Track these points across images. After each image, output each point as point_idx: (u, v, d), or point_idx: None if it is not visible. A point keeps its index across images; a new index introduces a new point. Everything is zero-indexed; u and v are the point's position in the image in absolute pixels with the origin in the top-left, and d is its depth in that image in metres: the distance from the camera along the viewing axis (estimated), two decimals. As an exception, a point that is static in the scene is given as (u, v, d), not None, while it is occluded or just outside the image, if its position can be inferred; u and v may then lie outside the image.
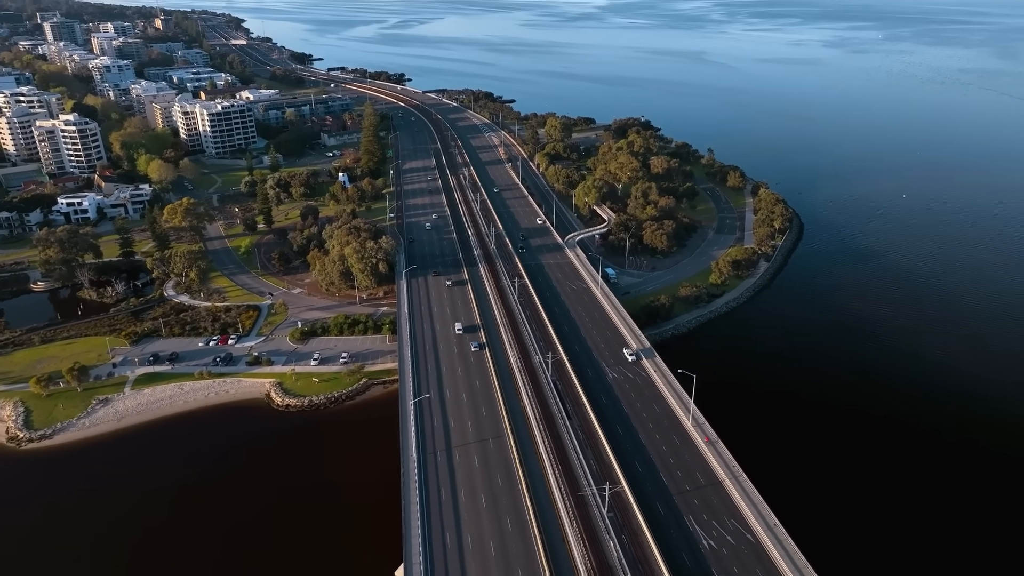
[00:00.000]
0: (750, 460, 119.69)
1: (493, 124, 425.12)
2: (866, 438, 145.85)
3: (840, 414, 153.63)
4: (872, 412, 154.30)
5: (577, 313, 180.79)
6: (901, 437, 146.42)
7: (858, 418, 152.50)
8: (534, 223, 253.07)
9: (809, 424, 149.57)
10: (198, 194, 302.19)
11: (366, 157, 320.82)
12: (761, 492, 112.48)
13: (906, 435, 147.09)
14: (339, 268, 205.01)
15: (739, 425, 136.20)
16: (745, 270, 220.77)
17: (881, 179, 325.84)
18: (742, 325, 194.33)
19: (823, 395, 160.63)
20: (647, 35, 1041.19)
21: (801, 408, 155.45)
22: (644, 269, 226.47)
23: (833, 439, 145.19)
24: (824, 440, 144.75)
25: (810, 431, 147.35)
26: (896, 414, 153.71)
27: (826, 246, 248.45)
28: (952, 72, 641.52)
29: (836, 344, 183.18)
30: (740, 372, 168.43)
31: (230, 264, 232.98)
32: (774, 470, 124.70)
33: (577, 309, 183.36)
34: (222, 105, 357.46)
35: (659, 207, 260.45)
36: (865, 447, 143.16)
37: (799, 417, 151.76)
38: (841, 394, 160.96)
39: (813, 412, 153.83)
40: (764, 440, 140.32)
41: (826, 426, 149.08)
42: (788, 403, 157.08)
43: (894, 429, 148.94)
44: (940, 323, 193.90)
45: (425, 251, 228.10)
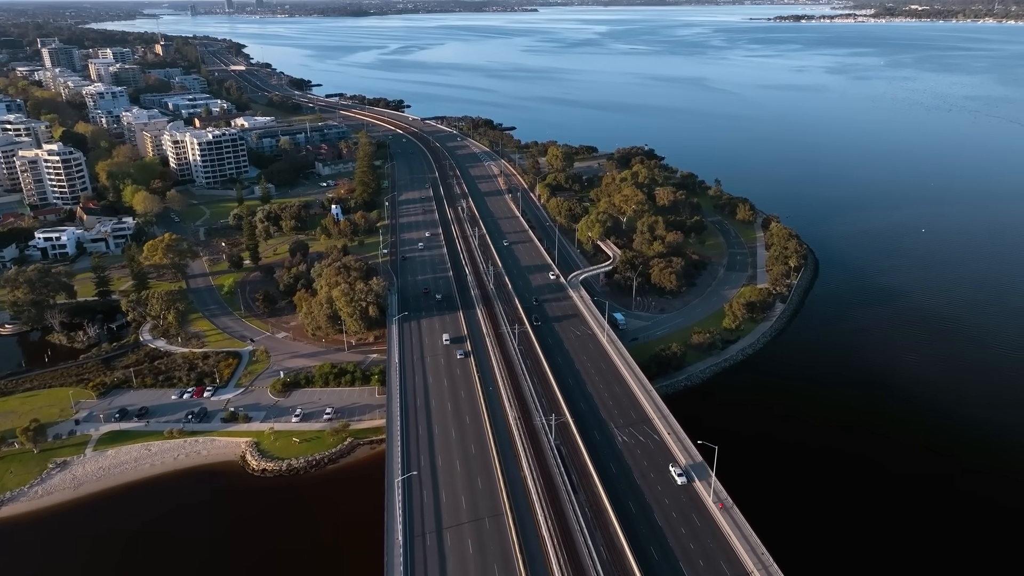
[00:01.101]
0: (778, 540, 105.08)
1: (493, 152, 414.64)
2: (911, 511, 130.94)
3: (870, 479, 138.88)
4: (914, 477, 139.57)
5: (582, 364, 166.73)
6: (944, 502, 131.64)
7: (897, 485, 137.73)
8: (535, 260, 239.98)
9: (837, 489, 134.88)
10: (184, 227, 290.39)
11: (360, 188, 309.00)
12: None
13: (947, 498, 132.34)
14: (326, 311, 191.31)
15: (760, 491, 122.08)
16: (760, 313, 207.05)
17: (896, 211, 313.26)
18: (760, 375, 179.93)
19: (848, 456, 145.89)
20: (648, 61, 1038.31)
21: (829, 472, 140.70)
22: (652, 311, 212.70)
23: (864, 507, 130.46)
24: (853, 508, 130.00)
25: (837, 497, 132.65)
26: (937, 476, 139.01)
27: (844, 285, 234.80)
28: (958, 99, 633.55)
29: (863, 398, 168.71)
30: (759, 428, 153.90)
31: (212, 304, 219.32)
32: (802, 545, 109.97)
33: (582, 359, 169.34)
34: (213, 134, 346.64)
35: (666, 243, 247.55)
36: (911, 522, 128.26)
37: (828, 481, 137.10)
38: (871, 458, 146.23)
39: (841, 475, 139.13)
40: (789, 511, 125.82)
41: (854, 491, 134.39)
42: (814, 465, 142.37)
43: (935, 493, 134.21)
44: (971, 373, 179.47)
45: (420, 291, 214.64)
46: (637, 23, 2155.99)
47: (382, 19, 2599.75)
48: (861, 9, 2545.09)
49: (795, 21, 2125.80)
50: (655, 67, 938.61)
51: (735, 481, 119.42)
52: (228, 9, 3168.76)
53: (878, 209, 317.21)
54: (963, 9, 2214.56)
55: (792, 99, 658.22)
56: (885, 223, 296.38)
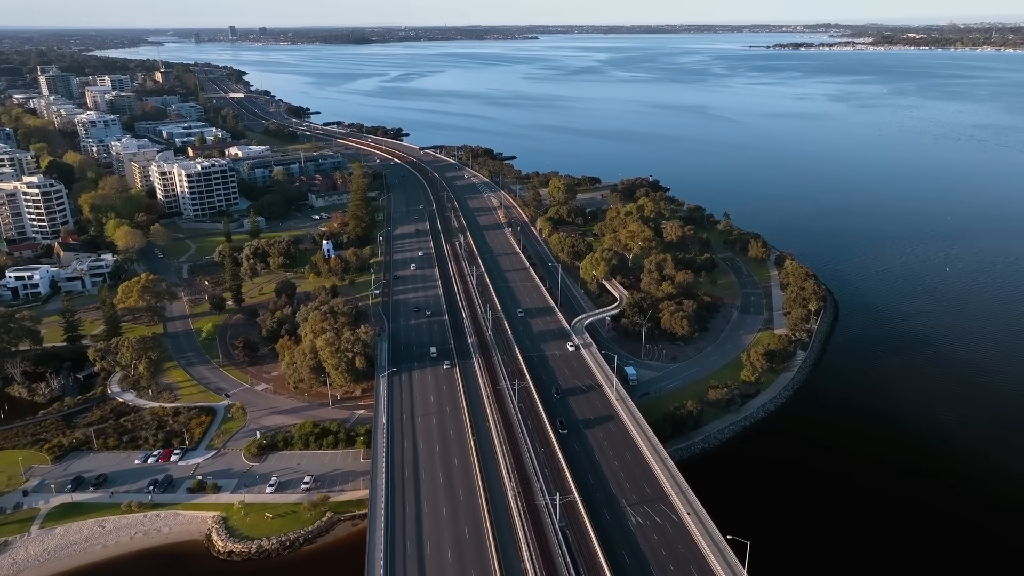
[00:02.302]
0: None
1: (492, 183, 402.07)
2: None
3: (928, 565, 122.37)
4: (972, 555, 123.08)
5: (590, 427, 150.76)
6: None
7: (954, 566, 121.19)
8: (536, 301, 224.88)
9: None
10: (167, 264, 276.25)
11: (353, 223, 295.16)
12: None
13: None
14: (309, 362, 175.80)
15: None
16: (780, 362, 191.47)
17: (915, 247, 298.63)
18: (783, 436, 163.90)
19: (900, 538, 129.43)
20: (649, 88, 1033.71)
21: (878, 563, 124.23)
22: (663, 359, 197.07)
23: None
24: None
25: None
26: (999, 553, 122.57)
27: (867, 331, 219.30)
28: (965, 128, 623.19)
29: (900, 461, 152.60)
30: (787, 503, 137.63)
31: (189, 351, 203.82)
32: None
33: (589, 419, 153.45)
34: (202, 165, 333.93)
35: (676, 283, 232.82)
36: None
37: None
38: (926, 538, 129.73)
39: (896, 565, 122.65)
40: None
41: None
42: (857, 553, 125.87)
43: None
44: (1018, 433, 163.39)
45: (412, 338, 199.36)
46: (637, 51, 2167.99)
47: (384, 46, 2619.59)
48: (859, 37, 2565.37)
49: (794, 49, 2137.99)
50: (656, 95, 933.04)
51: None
52: (232, 37, 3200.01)
53: (895, 244, 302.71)
54: (960, 37, 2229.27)
55: (797, 127, 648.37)
56: (904, 260, 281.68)
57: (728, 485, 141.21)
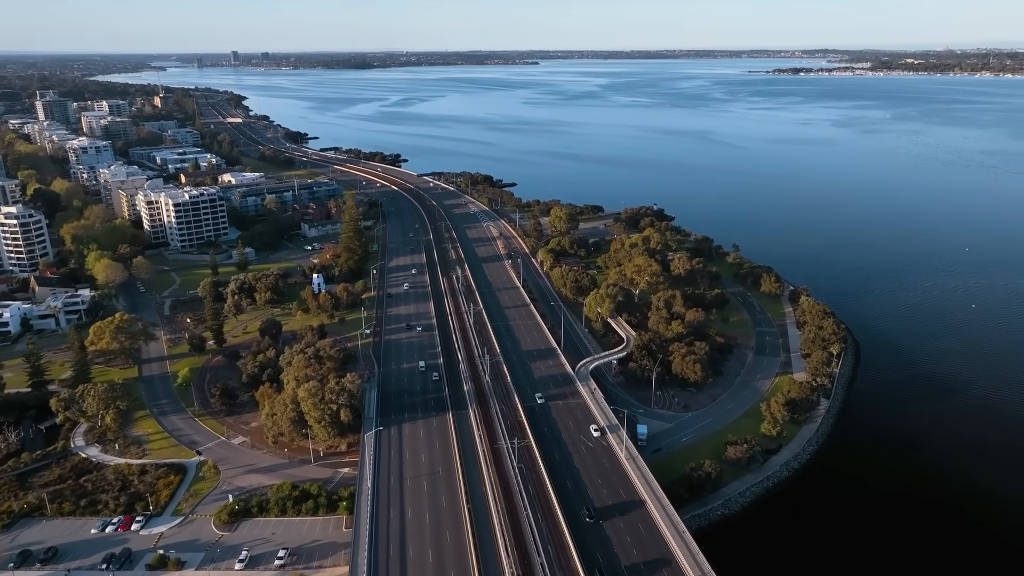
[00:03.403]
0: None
1: (492, 212, 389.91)
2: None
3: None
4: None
5: (596, 490, 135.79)
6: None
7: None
8: (537, 343, 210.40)
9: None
10: (148, 299, 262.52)
11: (346, 255, 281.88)
12: None
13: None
14: (290, 414, 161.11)
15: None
16: (803, 412, 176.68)
17: (935, 281, 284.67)
18: (810, 498, 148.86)
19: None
20: (650, 114, 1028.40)
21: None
22: (675, 408, 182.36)
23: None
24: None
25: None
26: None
27: (892, 375, 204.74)
28: (973, 154, 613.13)
29: (938, 523, 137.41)
30: None
31: (164, 398, 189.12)
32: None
33: (596, 483, 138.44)
34: (190, 194, 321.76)
35: (686, 322, 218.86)
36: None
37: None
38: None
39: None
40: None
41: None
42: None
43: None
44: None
45: (404, 385, 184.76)
46: (637, 75, 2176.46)
47: (385, 71, 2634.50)
48: (857, 62, 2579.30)
49: (793, 74, 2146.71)
50: (658, 120, 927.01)
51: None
52: (234, 62, 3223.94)
53: (913, 278, 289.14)
54: (959, 63, 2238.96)
55: (801, 153, 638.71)
56: (925, 295, 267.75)
57: (751, 558, 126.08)
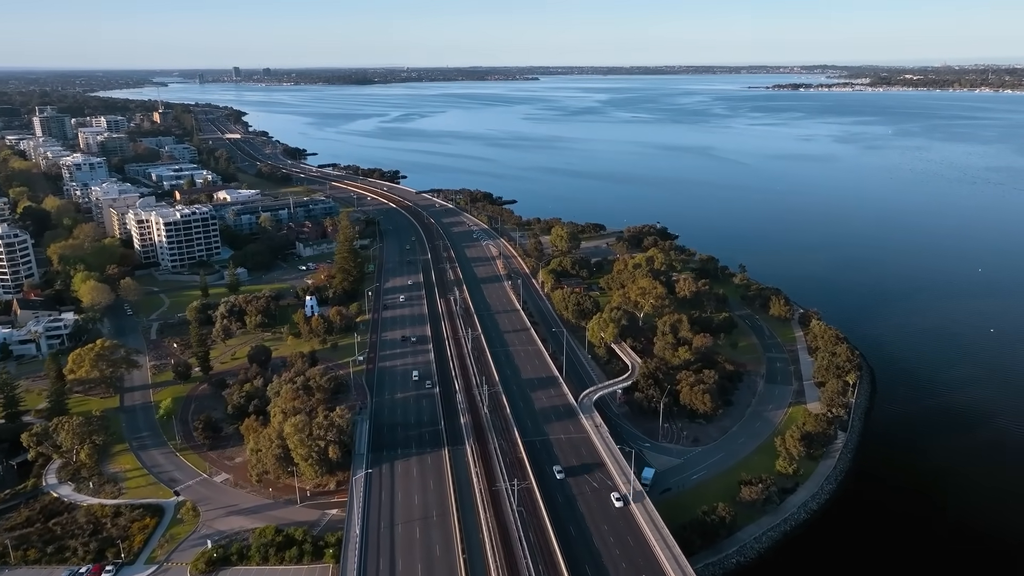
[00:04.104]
0: None
1: (491, 230, 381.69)
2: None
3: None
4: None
5: (602, 537, 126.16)
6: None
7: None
8: (539, 371, 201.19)
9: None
10: (135, 322, 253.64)
11: (340, 276, 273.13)
12: None
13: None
14: (275, 451, 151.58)
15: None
16: (819, 447, 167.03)
17: (948, 304, 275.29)
18: (831, 542, 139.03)
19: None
20: (651, 129, 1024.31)
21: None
22: (684, 442, 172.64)
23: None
24: None
25: None
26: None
27: (910, 405, 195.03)
28: (978, 171, 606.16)
29: (969, 567, 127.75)
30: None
31: (145, 431, 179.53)
32: None
33: (602, 529, 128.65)
34: (182, 212, 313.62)
35: (694, 348, 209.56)
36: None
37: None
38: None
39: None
40: None
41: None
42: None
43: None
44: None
45: (398, 417, 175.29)
46: (637, 91, 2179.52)
47: (386, 87, 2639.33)
48: (856, 78, 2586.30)
49: (793, 89, 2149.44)
50: (659, 136, 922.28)
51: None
52: (235, 77, 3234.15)
53: (926, 300, 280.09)
54: (958, 79, 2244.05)
55: (804, 170, 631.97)
56: (939, 319, 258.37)
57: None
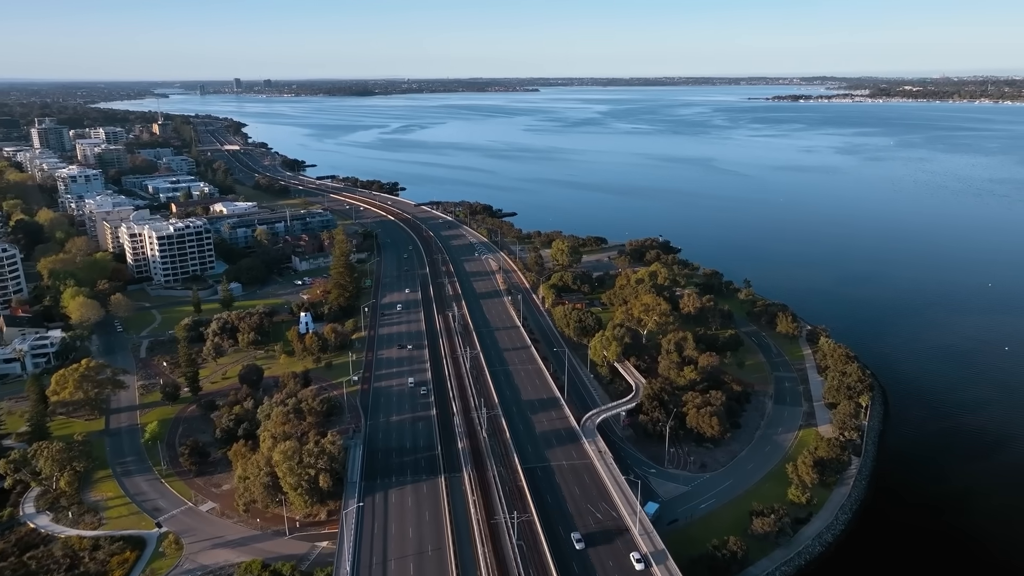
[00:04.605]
0: None
1: (491, 244, 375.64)
2: None
3: None
4: None
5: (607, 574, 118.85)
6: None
7: None
8: (539, 392, 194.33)
9: None
10: (125, 339, 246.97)
11: (336, 292, 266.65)
12: None
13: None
14: (264, 479, 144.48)
15: None
16: (833, 474, 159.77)
17: (960, 320, 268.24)
18: None
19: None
20: (651, 140, 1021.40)
21: None
22: (691, 468, 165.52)
23: None
24: None
25: None
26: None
27: (925, 428, 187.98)
28: (982, 182, 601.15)
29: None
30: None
31: (129, 455, 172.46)
32: None
33: (607, 565, 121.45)
34: (175, 226, 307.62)
35: (699, 367, 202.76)
36: None
37: None
38: None
39: None
40: None
41: None
42: None
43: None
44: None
45: (392, 442, 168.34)
46: (637, 102, 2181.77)
47: (386, 98, 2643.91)
48: (855, 89, 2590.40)
49: (793, 101, 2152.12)
50: (659, 147, 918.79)
51: None
52: (236, 89, 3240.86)
53: (936, 316, 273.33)
54: (958, 90, 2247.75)
55: (807, 182, 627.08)
56: (951, 336, 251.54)
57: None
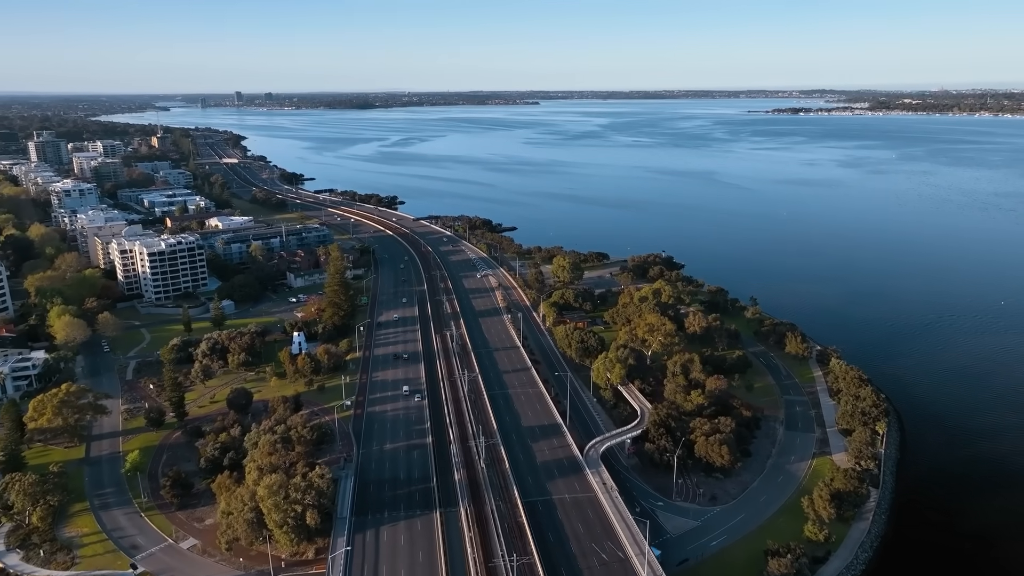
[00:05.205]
0: None
1: (490, 259, 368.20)
2: None
3: None
4: None
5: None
6: None
7: None
8: (541, 418, 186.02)
9: None
10: (112, 360, 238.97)
11: (330, 311, 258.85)
12: None
13: None
14: (248, 515, 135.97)
15: None
16: (851, 508, 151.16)
17: (973, 340, 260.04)
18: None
19: None
20: (652, 154, 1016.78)
21: None
22: (701, 501, 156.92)
23: None
24: None
25: None
26: None
27: (945, 458, 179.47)
28: (987, 196, 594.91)
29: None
30: None
31: (109, 487, 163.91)
32: None
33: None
34: (167, 242, 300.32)
35: (707, 391, 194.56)
36: None
37: None
38: None
39: None
40: None
41: None
42: None
43: None
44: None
45: (386, 472, 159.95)
46: (637, 115, 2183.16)
47: (387, 111, 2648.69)
48: (854, 102, 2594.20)
49: (793, 113, 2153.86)
50: (660, 160, 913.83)
51: None
52: (237, 102, 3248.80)
53: (948, 336, 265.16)
54: (957, 103, 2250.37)
55: (810, 195, 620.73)
56: (966, 357, 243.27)
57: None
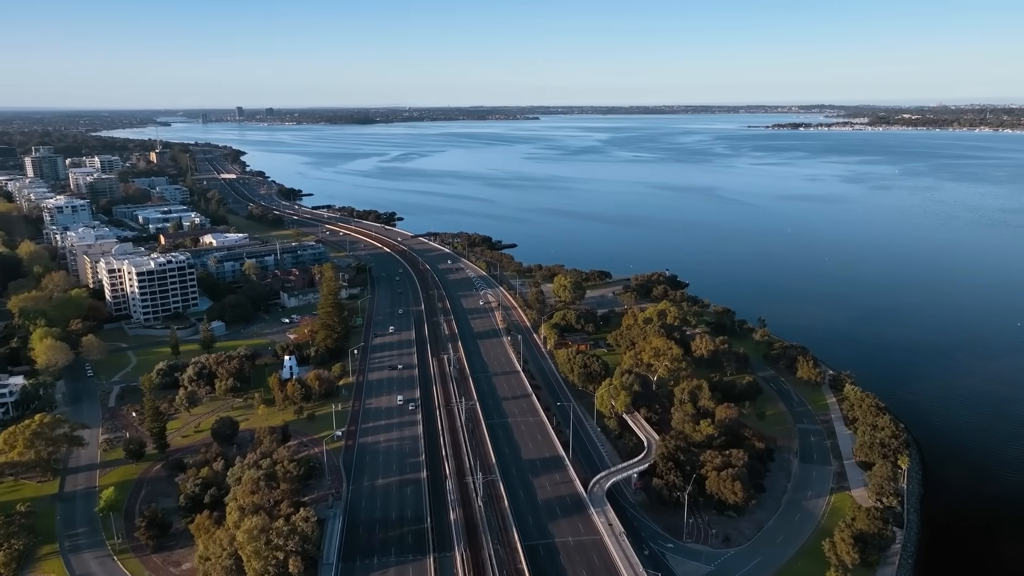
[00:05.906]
0: None
1: (490, 278, 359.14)
2: None
3: None
4: None
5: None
6: None
7: None
8: (542, 450, 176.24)
9: None
10: (95, 385, 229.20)
11: (323, 333, 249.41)
12: None
13: None
14: (226, 561, 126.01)
15: None
16: (875, 552, 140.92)
17: (991, 365, 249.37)
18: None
19: None
20: (653, 169, 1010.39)
21: None
22: (713, 542, 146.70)
23: None
24: None
25: None
26: None
27: (970, 493, 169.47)
28: (994, 212, 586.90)
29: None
30: None
31: (81, 526, 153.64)
32: None
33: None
34: (156, 261, 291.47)
35: (717, 421, 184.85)
36: None
37: None
38: None
39: None
40: None
41: None
42: None
43: None
44: None
45: (377, 512, 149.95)
46: (637, 130, 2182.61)
47: (387, 126, 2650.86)
48: (854, 117, 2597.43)
49: (793, 128, 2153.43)
50: (661, 176, 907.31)
51: None
52: (238, 117, 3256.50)
53: (965, 359, 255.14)
54: (957, 118, 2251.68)
55: (813, 211, 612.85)
56: (984, 382, 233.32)
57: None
